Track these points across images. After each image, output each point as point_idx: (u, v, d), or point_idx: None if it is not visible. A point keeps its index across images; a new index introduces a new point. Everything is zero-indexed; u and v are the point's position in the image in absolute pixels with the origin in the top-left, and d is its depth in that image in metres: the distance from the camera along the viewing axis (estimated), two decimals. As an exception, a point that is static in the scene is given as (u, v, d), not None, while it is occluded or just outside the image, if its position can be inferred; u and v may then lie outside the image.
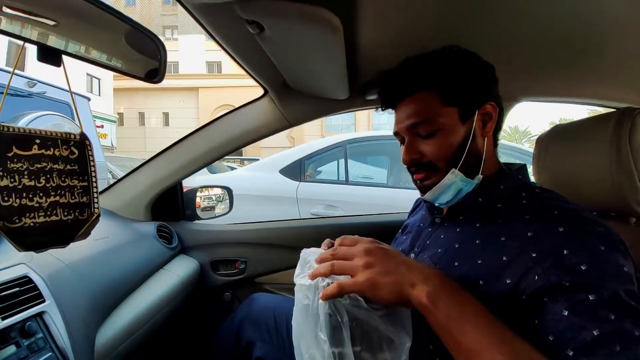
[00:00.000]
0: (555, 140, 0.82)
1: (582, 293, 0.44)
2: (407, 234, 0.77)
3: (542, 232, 0.51)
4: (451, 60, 0.62)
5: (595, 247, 0.47)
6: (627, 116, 0.68)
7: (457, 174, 0.61)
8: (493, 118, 0.63)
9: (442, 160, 0.61)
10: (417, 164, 0.64)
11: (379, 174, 3.12)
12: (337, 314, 0.46)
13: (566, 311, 0.44)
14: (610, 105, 1.13)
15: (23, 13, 0.45)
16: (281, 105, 1.09)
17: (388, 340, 0.48)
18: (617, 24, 0.71)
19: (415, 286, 0.46)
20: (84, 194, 0.52)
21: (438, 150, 0.61)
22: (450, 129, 0.60)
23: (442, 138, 0.61)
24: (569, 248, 0.47)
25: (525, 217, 0.55)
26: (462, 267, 0.57)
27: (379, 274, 0.47)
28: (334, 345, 0.46)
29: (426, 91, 0.61)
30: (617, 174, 0.66)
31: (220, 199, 1.90)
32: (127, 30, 0.55)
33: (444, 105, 0.60)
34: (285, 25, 0.61)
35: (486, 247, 0.56)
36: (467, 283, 0.54)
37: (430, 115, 0.60)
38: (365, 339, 0.48)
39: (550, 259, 0.48)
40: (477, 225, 0.60)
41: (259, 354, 0.89)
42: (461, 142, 0.61)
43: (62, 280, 0.70)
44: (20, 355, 0.55)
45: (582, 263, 0.46)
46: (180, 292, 1.09)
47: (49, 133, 0.49)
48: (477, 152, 0.62)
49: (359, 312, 0.47)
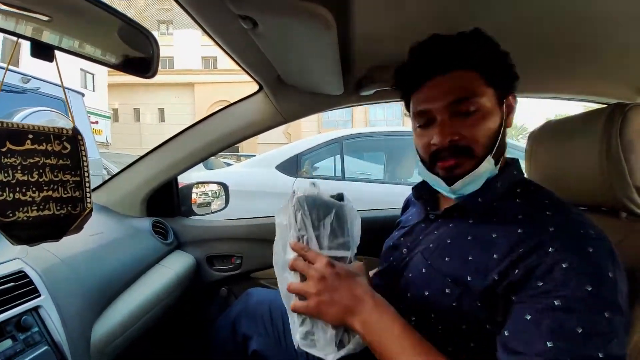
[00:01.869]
0: (547, 136, 0.83)
1: (551, 299, 0.45)
2: (401, 229, 0.78)
3: (532, 231, 0.52)
4: (488, 42, 0.60)
5: (583, 248, 0.48)
6: (617, 112, 0.68)
7: (491, 161, 0.59)
8: (513, 110, 0.63)
9: (480, 144, 0.59)
10: (454, 148, 0.59)
11: (375, 170, 3.13)
12: (301, 208, 0.60)
13: (529, 316, 0.46)
14: (603, 101, 1.14)
15: (16, 9, 0.45)
16: (276, 101, 1.09)
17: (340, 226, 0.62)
18: (609, 20, 0.71)
19: (354, 315, 0.54)
20: (76, 188, 0.53)
21: (478, 132, 0.58)
22: (489, 111, 0.59)
23: (484, 120, 0.58)
24: (554, 246, 0.48)
25: (518, 216, 0.55)
26: (453, 262, 0.57)
27: (325, 304, 0.54)
28: (301, 231, 0.59)
29: (469, 69, 0.59)
30: (607, 169, 0.66)
31: (217, 195, 1.90)
32: (120, 25, 0.55)
33: (486, 85, 0.59)
34: (278, 21, 0.61)
35: (477, 244, 0.56)
36: (456, 278, 0.56)
37: (475, 93, 0.58)
38: (323, 225, 0.61)
39: (534, 256, 0.49)
40: (471, 222, 0.60)
41: (255, 347, 0.89)
42: (497, 127, 0.60)
43: (57, 275, 0.70)
44: (17, 349, 0.55)
45: (564, 261, 0.46)
46: (176, 287, 1.10)
47: (41, 128, 0.49)
48: (504, 141, 0.62)
49: (315, 202, 0.61)
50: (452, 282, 0.56)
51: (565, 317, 0.44)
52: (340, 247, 0.61)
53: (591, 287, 0.45)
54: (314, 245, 0.59)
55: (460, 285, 0.55)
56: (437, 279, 0.58)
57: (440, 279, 0.57)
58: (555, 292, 0.46)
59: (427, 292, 0.59)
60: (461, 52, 0.59)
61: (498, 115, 0.60)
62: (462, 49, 0.59)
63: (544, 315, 0.45)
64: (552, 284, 0.46)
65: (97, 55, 0.54)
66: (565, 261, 0.46)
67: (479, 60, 0.59)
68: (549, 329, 0.44)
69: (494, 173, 0.61)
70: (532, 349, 0.44)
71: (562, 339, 0.43)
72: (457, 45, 0.60)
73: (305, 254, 0.58)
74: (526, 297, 0.48)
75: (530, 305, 0.47)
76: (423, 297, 0.59)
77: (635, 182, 0.65)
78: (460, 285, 0.55)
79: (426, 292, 0.59)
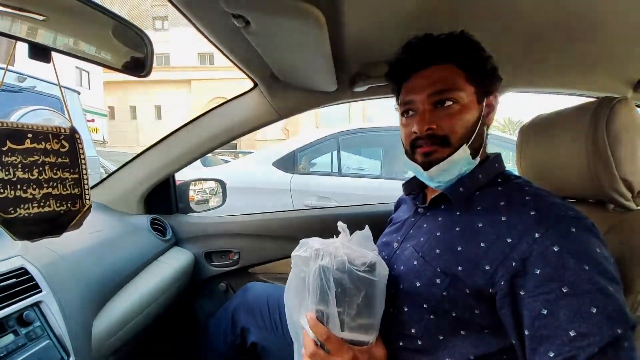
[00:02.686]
0: (537, 130, 0.84)
1: (557, 285, 0.46)
2: (392, 225, 0.80)
3: (515, 217, 0.54)
4: (473, 43, 0.65)
5: (566, 229, 0.50)
6: (605, 105, 0.69)
7: (466, 150, 0.62)
8: (494, 110, 0.67)
9: (456, 135, 0.62)
10: (431, 136, 0.63)
11: (372, 165, 3.14)
12: (325, 280, 0.54)
13: (545, 310, 0.47)
14: (594, 95, 1.15)
15: (11, 9, 0.46)
16: (271, 98, 1.10)
17: (367, 306, 0.57)
18: (598, 14, 0.73)
19: None
20: (75, 185, 0.54)
21: (455, 122, 0.62)
22: (468, 106, 0.63)
23: (461, 113, 0.63)
24: (539, 231, 0.50)
25: (501, 203, 0.58)
26: (443, 254, 0.59)
27: None
28: (321, 305, 0.55)
29: (452, 64, 0.63)
30: (594, 162, 0.67)
31: (214, 192, 1.91)
32: (113, 25, 0.56)
33: (466, 81, 0.63)
34: (270, 19, 0.62)
35: (465, 234, 0.58)
36: (446, 269, 0.57)
37: (454, 86, 0.63)
38: (348, 303, 0.56)
39: (524, 244, 0.50)
40: (457, 214, 0.62)
41: (253, 339, 0.91)
42: (474, 121, 0.64)
43: (57, 271, 0.72)
44: (19, 343, 0.57)
45: (554, 245, 0.48)
46: (174, 282, 1.11)
47: (40, 127, 0.50)
48: (481, 136, 0.66)
49: (343, 276, 0.55)
50: (443, 273, 0.58)
51: (577, 302, 0.45)
52: (362, 329, 0.57)
53: (587, 266, 0.46)
54: (334, 324, 0.55)
55: (450, 275, 0.57)
56: (428, 271, 0.60)
57: (432, 270, 0.59)
58: (558, 278, 0.47)
59: (419, 283, 0.61)
60: (445, 48, 0.64)
61: (476, 110, 0.64)
62: (446, 46, 0.64)
63: (559, 305, 0.46)
64: (550, 269, 0.47)
65: (92, 55, 0.55)
66: (555, 244, 0.48)
67: (462, 57, 0.63)
68: (567, 319, 0.45)
69: (471, 164, 0.64)
70: (557, 341, 0.45)
71: (582, 324, 0.44)
72: (442, 43, 0.64)
73: (324, 341, 0.56)
74: (532, 289, 0.48)
75: (541, 299, 0.47)
76: (415, 288, 0.61)
77: (622, 174, 0.66)
78: (449, 276, 0.57)
79: (418, 283, 0.61)
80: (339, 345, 0.56)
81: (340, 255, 0.56)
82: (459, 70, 0.63)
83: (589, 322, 0.44)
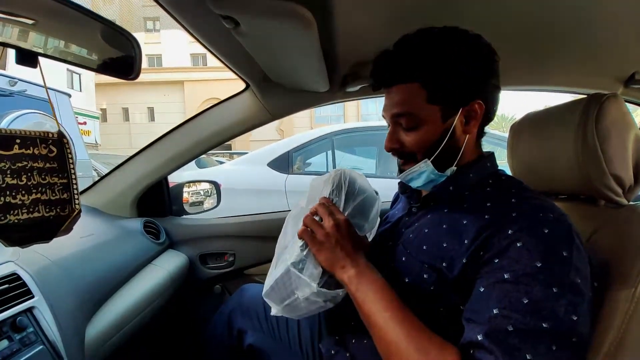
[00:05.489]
0: (527, 127, 0.85)
1: (503, 273, 0.49)
2: (387, 223, 0.81)
3: (497, 217, 0.55)
4: (445, 50, 0.59)
5: (539, 229, 0.51)
6: (594, 102, 0.69)
7: (428, 164, 0.64)
8: (477, 116, 0.62)
9: (420, 153, 0.64)
10: (397, 153, 0.67)
11: (367, 164, 3.15)
12: (343, 178, 0.72)
13: (482, 288, 0.51)
14: (585, 92, 1.16)
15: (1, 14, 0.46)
16: (263, 99, 1.10)
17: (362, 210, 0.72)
18: (588, 11, 0.73)
19: (344, 269, 0.62)
20: (64, 190, 0.54)
21: (416, 143, 0.64)
22: (430, 125, 0.62)
23: (422, 132, 0.63)
24: (513, 228, 0.52)
25: (487, 204, 0.59)
26: (430, 250, 0.61)
27: (325, 247, 0.63)
28: (333, 195, 0.70)
29: (414, 83, 0.61)
30: (584, 158, 0.68)
31: (209, 194, 1.90)
32: (101, 28, 0.56)
33: (428, 103, 0.61)
34: (259, 21, 0.62)
35: (450, 231, 0.59)
36: (432, 265, 0.59)
37: (413, 110, 0.62)
38: (351, 202, 0.71)
39: (496, 238, 0.52)
40: (445, 211, 0.64)
41: (250, 341, 0.91)
42: (438, 138, 0.63)
43: (49, 276, 0.71)
44: (13, 348, 0.57)
45: (519, 241, 0.50)
46: (169, 286, 1.11)
47: (28, 133, 0.50)
48: (455, 147, 0.64)
49: (354, 181, 0.73)
50: (429, 268, 0.59)
51: (512, 288, 0.48)
52: (357, 227, 0.68)
53: (541, 263, 0.48)
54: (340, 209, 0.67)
55: (436, 270, 0.58)
56: (416, 266, 0.61)
57: (419, 266, 0.61)
58: (508, 267, 0.49)
59: (408, 279, 0.62)
60: (404, 65, 0.61)
61: (442, 127, 0.62)
62: (405, 62, 0.61)
63: (495, 287, 0.49)
64: (505, 261, 0.50)
65: (80, 59, 0.55)
66: (520, 240, 0.50)
67: (425, 77, 0.60)
68: (496, 299, 0.49)
69: (440, 176, 0.65)
70: (480, 317, 0.49)
71: (507, 307, 0.47)
72: (401, 59, 0.62)
73: (331, 206, 0.67)
74: (483, 273, 0.52)
75: (484, 279, 0.51)
76: (404, 284, 0.62)
77: (612, 170, 0.66)
78: (436, 271, 0.58)
79: (406, 279, 0.62)
80: (339, 211, 0.67)
81: (355, 172, 0.75)
82: (421, 88, 0.61)
83: (515, 308, 0.47)
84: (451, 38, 0.61)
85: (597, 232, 0.65)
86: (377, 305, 0.57)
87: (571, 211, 0.73)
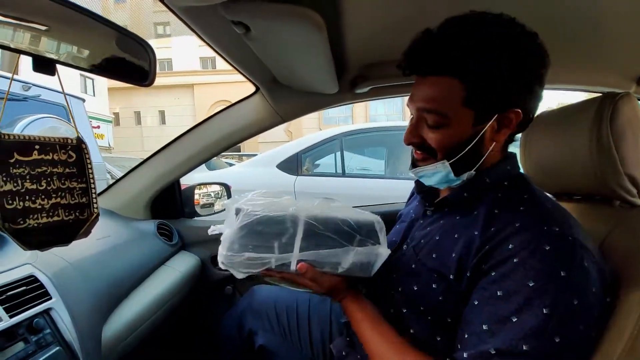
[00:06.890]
0: (540, 127, 0.83)
1: (496, 288, 0.49)
2: (401, 223, 0.80)
3: (502, 228, 0.53)
4: (499, 47, 0.52)
5: (539, 246, 0.49)
6: (608, 101, 0.68)
7: (446, 166, 0.59)
8: (511, 125, 0.57)
9: (442, 151, 0.59)
10: (416, 146, 0.62)
11: (376, 165, 3.14)
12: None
13: (476, 301, 0.51)
14: (598, 90, 1.14)
15: (15, 20, 0.47)
16: (273, 102, 1.11)
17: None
18: (602, 10, 0.72)
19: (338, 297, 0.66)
20: (83, 195, 0.55)
21: (439, 142, 0.58)
22: (458, 128, 0.57)
23: (448, 133, 0.57)
24: (515, 242, 0.50)
25: (495, 211, 0.57)
26: (438, 259, 0.59)
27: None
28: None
29: (454, 78, 0.54)
30: (598, 158, 0.66)
31: (219, 196, 1.92)
32: (115, 35, 0.57)
33: (464, 105, 0.55)
34: (269, 25, 0.62)
35: (460, 240, 0.58)
36: (441, 274, 0.58)
37: (445, 110, 0.56)
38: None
39: (496, 252, 0.51)
40: (458, 218, 0.62)
41: (261, 342, 0.92)
42: (464, 142, 0.58)
43: (66, 278, 0.73)
44: (29, 350, 0.57)
45: (516, 257, 0.49)
46: (181, 287, 1.12)
47: (47, 139, 0.51)
48: (479, 152, 0.59)
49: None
50: (438, 277, 0.58)
51: (503, 306, 0.48)
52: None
53: (533, 283, 0.47)
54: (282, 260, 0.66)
55: (444, 280, 0.57)
56: (425, 274, 0.60)
57: (428, 274, 0.60)
58: (501, 282, 0.49)
59: (416, 287, 0.61)
60: (447, 55, 0.53)
61: (471, 132, 0.57)
62: (449, 51, 0.53)
63: (487, 302, 0.50)
64: (499, 275, 0.50)
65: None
66: (517, 256, 0.49)
67: (467, 69, 0.53)
68: (487, 314, 0.49)
69: (452, 181, 0.62)
70: (470, 329, 0.50)
71: (495, 323, 0.48)
72: (446, 46, 0.54)
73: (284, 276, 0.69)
74: (480, 286, 0.52)
75: (480, 292, 0.52)
76: (413, 292, 0.61)
77: (627, 170, 0.65)
78: (444, 281, 0.57)
79: (415, 286, 0.61)
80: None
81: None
82: (460, 89, 0.53)
83: (502, 325, 0.47)
84: (507, 33, 0.53)
85: (611, 233, 0.64)
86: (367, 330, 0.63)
87: (586, 212, 0.72)
